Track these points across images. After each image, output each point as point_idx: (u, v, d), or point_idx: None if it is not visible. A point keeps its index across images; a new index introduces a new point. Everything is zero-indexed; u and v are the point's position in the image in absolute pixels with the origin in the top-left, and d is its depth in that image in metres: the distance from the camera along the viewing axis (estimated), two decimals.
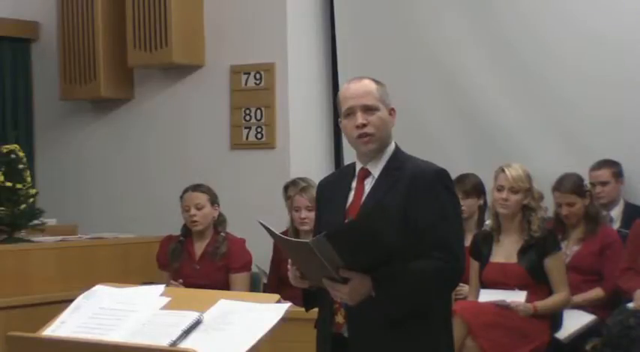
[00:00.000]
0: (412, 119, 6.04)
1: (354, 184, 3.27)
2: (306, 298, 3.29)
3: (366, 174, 3.26)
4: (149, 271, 5.53)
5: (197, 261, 5.42)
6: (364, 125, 3.19)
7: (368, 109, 3.20)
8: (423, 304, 3.12)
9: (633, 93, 5.73)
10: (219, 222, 5.49)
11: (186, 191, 5.51)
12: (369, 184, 3.24)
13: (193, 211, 5.40)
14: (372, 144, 3.22)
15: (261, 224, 3.12)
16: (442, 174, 3.20)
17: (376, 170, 3.24)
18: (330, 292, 3.09)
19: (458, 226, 3.23)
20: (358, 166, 3.29)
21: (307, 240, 3.01)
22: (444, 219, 3.13)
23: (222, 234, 5.46)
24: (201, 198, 5.43)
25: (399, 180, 3.18)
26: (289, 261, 3.21)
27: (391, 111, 3.26)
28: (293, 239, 3.17)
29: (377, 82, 3.28)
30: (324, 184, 3.45)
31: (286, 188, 5.88)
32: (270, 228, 3.09)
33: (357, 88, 3.25)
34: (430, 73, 6.36)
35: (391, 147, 3.27)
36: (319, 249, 2.95)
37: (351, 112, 3.23)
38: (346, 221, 3.20)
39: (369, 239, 2.96)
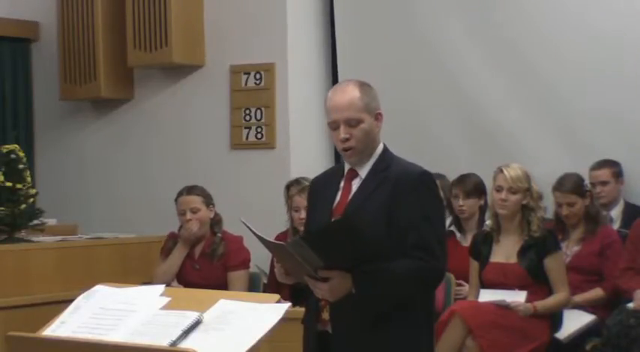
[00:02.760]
0: (412, 119, 6.05)
1: (342, 184, 3.33)
2: (293, 294, 3.33)
3: (354, 174, 3.32)
4: (149, 271, 5.53)
5: (196, 260, 5.41)
6: (347, 139, 3.24)
7: (351, 123, 3.23)
8: (402, 302, 3.18)
9: (633, 93, 5.74)
10: (215, 222, 5.46)
11: (180, 194, 5.45)
12: (356, 184, 3.30)
13: (189, 215, 5.37)
14: (354, 156, 3.28)
15: (244, 223, 3.18)
16: (425, 176, 3.26)
17: (363, 171, 3.30)
18: (312, 289, 3.15)
19: (439, 227, 3.28)
20: (347, 167, 3.35)
21: (283, 243, 3.08)
22: (425, 219, 3.17)
23: (218, 234, 5.44)
24: (196, 201, 5.39)
25: (384, 181, 3.23)
26: (274, 258, 3.25)
27: (377, 116, 3.29)
28: (270, 240, 3.19)
29: (362, 85, 3.29)
30: (316, 182, 3.51)
31: (288, 187, 5.86)
32: (252, 228, 3.14)
33: (339, 99, 3.27)
34: (430, 73, 6.36)
35: (379, 149, 3.32)
36: (296, 251, 3.02)
37: (335, 127, 3.27)
38: (340, 217, 3.24)
39: (347, 240, 3.02)
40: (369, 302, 3.12)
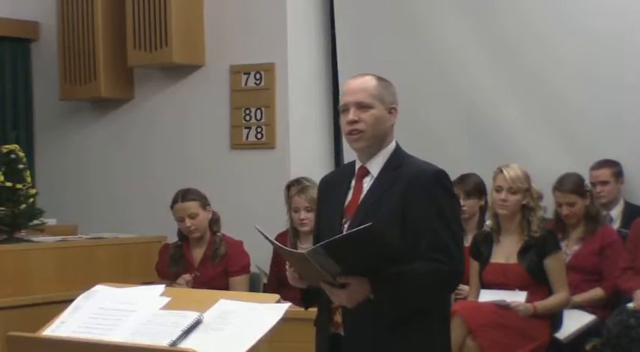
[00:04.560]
0: (412, 119, 6.03)
1: (353, 183, 3.26)
2: (304, 296, 3.29)
3: (365, 172, 3.24)
4: (149, 271, 5.53)
5: (197, 268, 5.36)
6: (355, 122, 3.18)
7: (361, 106, 3.19)
8: (421, 306, 3.11)
9: (633, 93, 5.74)
10: (214, 221, 5.43)
11: (175, 201, 5.40)
12: (367, 183, 3.23)
13: (188, 222, 5.33)
14: (361, 141, 3.20)
15: (259, 230, 3.12)
16: (440, 174, 3.18)
17: (375, 169, 3.23)
18: (329, 296, 3.10)
19: (456, 227, 3.19)
20: (358, 165, 3.28)
21: (303, 251, 3.01)
22: (442, 220, 3.10)
23: (218, 234, 5.42)
24: (193, 206, 5.34)
25: (397, 180, 3.16)
26: (287, 262, 3.21)
27: (391, 110, 3.23)
28: (289, 248, 3.16)
29: (380, 79, 3.26)
30: (325, 182, 3.43)
31: (289, 187, 5.86)
32: (267, 235, 3.09)
33: (354, 84, 3.24)
34: (430, 73, 6.36)
35: (391, 147, 3.25)
36: (316, 259, 2.95)
37: (345, 109, 3.22)
38: (345, 226, 3.18)
39: (369, 249, 2.96)
40: (387, 308, 3.05)
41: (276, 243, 3.08)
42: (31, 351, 2.97)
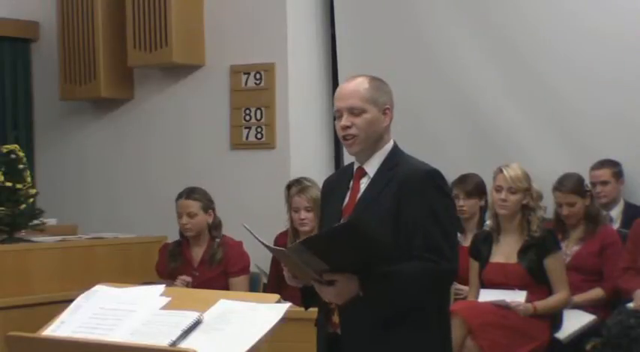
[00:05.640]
0: (412, 119, 6.05)
1: (351, 183, 3.28)
2: (304, 297, 3.30)
3: (362, 173, 3.26)
4: (149, 271, 5.53)
5: (196, 268, 5.37)
6: (348, 127, 3.19)
7: (354, 111, 3.19)
8: (413, 304, 3.11)
9: (633, 93, 5.74)
10: (214, 226, 5.42)
11: (180, 197, 5.42)
12: (364, 184, 3.24)
13: (185, 219, 5.34)
14: (356, 145, 3.21)
15: (246, 228, 3.14)
16: (434, 174, 3.18)
17: (372, 169, 3.24)
18: (319, 293, 3.11)
19: (449, 226, 3.18)
20: (356, 166, 3.29)
21: (284, 248, 3.04)
22: (434, 219, 3.10)
23: (217, 239, 5.41)
24: (194, 205, 5.35)
25: (392, 179, 3.17)
26: (281, 262, 3.22)
27: (386, 111, 3.23)
28: (272, 246, 3.17)
29: (373, 79, 3.25)
30: (328, 183, 3.45)
31: (289, 187, 5.85)
32: (254, 233, 3.11)
33: (346, 88, 3.25)
34: (430, 73, 6.36)
35: (388, 147, 3.26)
36: (298, 256, 2.97)
37: (338, 115, 3.23)
38: (341, 222, 3.19)
39: (350, 244, 2.96)
40: (377, 305, 3.05)
41: (262, 240, 3.10)
42: (31, 351, 2.97)
